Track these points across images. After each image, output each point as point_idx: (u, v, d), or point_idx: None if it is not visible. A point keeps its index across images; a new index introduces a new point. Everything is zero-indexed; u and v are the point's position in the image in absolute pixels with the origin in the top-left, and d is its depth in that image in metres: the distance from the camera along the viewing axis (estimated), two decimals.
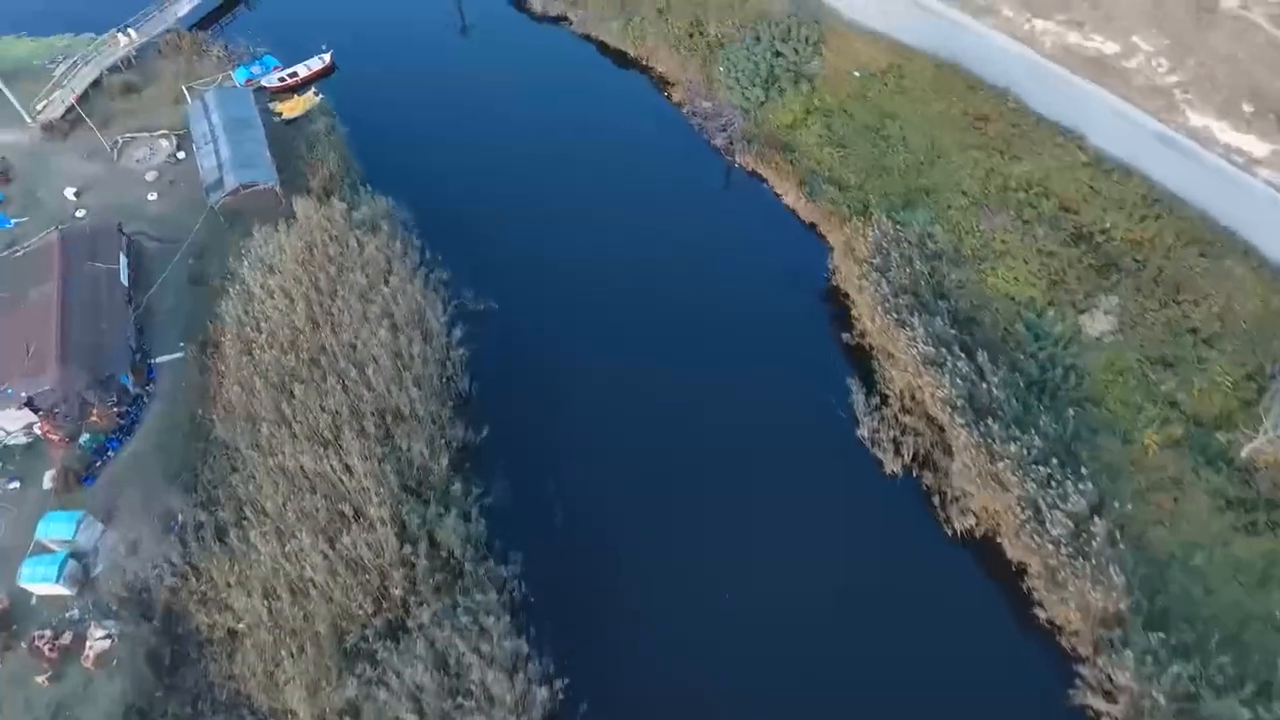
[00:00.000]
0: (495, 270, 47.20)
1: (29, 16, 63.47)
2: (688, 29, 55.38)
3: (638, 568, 37.23)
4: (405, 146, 54.18)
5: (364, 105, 56.65)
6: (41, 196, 51.94)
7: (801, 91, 51.00)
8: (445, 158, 53.28)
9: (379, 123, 55.70)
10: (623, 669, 34.32)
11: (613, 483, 39.54)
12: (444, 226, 49.39)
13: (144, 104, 56.87)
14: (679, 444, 40.65)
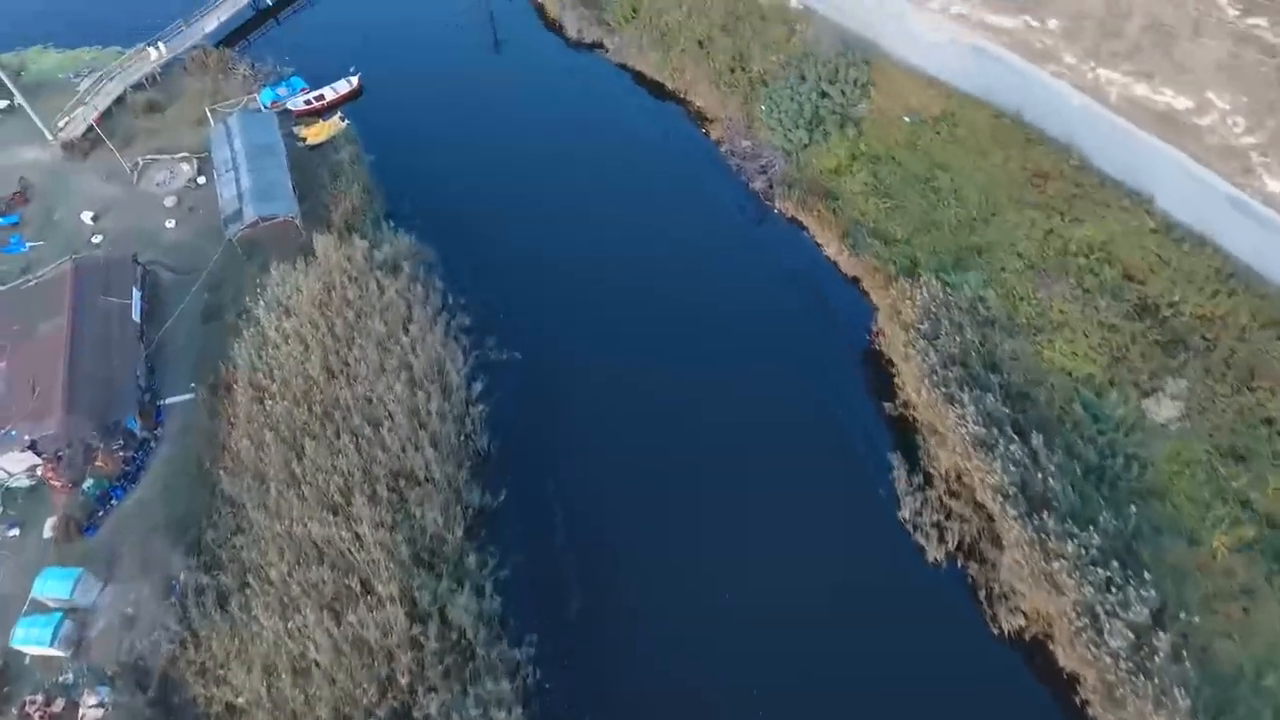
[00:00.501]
0: (520, 314, 45.23)
1: (58, 27, 62.42)
2: (729, 64, 52.93)
3: (661, 651, 35.10)
4: (431, 175, 52.33)
5: (390, 130, 54.95)
6: (59, 219, 50.66)
7: (847, 135, 48.43)
8: (472, 189, 51.35)
9: (405, 149, 53.91)
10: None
11: (636, 557, 37.34)
12: (468, 264, 47.63)
13: (167, 123, 55.48)
14: (706, 511, 38.37)
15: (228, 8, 61.24)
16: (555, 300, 45.96)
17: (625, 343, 44.15)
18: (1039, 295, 40.71)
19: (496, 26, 62.62)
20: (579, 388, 42.54)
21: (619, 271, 47.06)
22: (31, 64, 60.27)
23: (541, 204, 50.55)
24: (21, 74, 59.26)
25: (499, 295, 46.07)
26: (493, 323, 44.58)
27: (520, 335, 44.12)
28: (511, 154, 53.40)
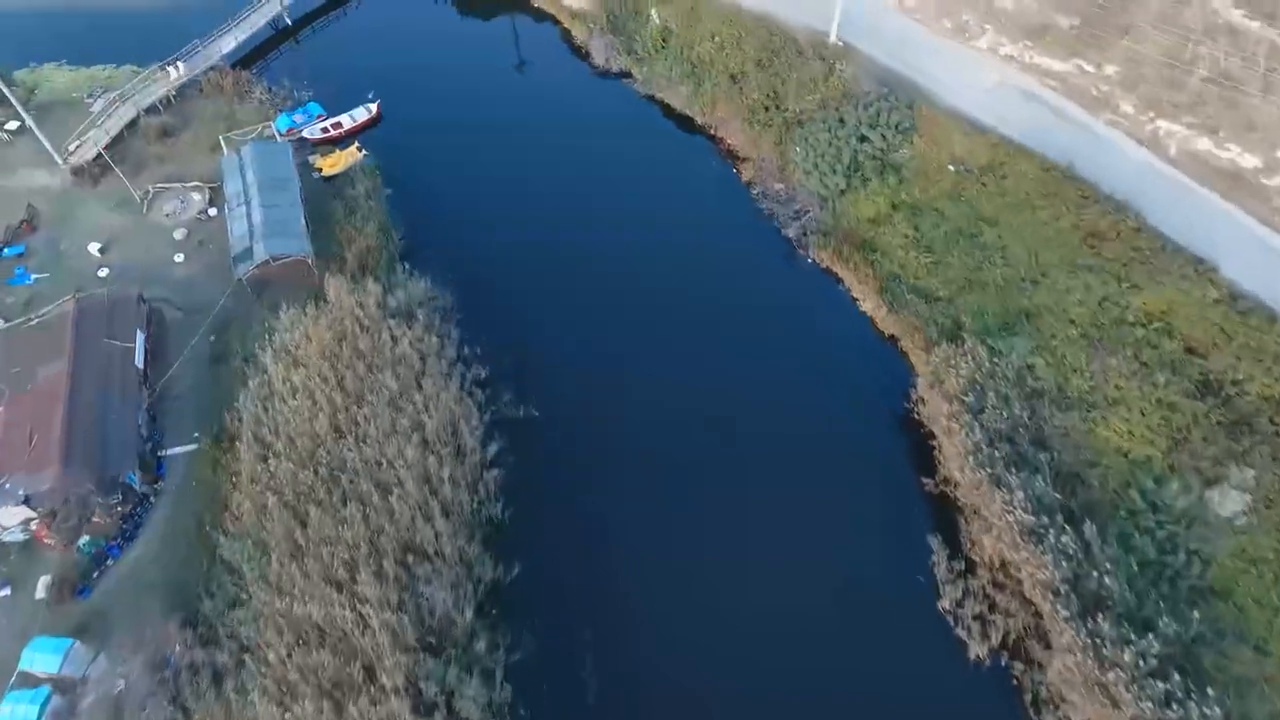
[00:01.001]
0: (539, 362, 43.05)
1: (73, 44, 60.67)
2: (763, 101, 50.57)
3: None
4: (450, 209, 50.38)
5: (409, 160, 52.88)
6: (65, 249, 48.98)
7: (888, 183, 45.99)
8: (492, 224, 49.26)
9: (423, 181, 51.94)
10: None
11: (659, 639, 35.11)
12: (486, 306, 45.42)
13: (179, 149, 53.71)
14: (736, 590, 36.01)
15: (245, 28, 59.57)
16: (576, 347, 43.82)
17: (649, 397, 41.74)
18: (1092, 367, 38.15)
19: (522, 51, 60.65)
20: (600, 445, 40.31)
21: (643, 318, 44.96)
22: (45, 82, 58.70)
23: (564, 242, 48.46)
24: (35, 92, 57.75)
25: (518, 341, 43.80)
26: (510, 372, 42.57)
27: (539, 386, 41.94)
28: (533, 187, 51.42)
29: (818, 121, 48.06)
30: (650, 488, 38.78)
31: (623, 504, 38.48)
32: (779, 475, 38.70)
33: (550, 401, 41.49)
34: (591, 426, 40.72)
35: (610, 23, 57.72)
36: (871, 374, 42.36)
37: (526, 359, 43.19)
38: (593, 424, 40.89)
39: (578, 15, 59.73)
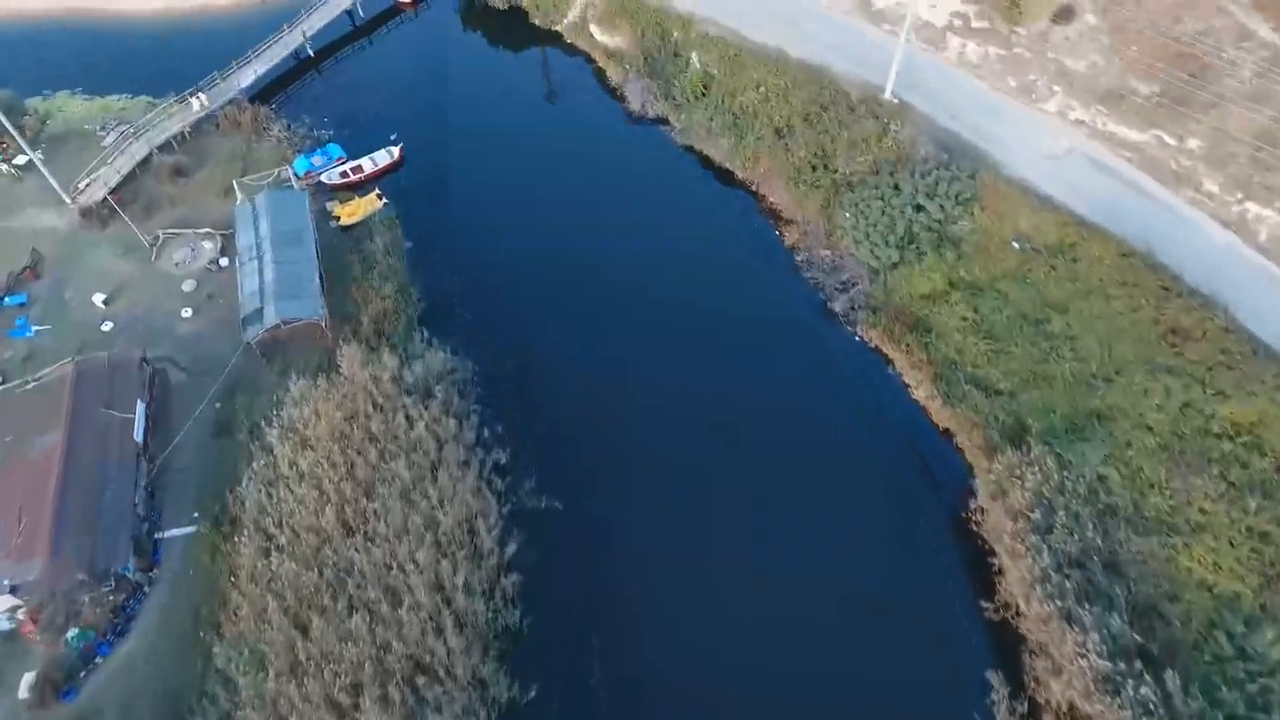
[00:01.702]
0: (563, 443, 40.09)
1: (89, 72, 58.25)
2: (810, 159, 47.23)
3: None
4: (471, 264, 47.31)
5: (430, 209, 50.03)
6: (69, 299, 46.56)
7: (945, 258, 42.58)
8: (515, 281, 46.30)
9: (445, 233, 49.06)
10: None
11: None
12: (509, 375, 42.49)
13: (192, 190, 51.17)
14: (774, 714, 33.17)
15: (265, 60, 56.93)
16: (603, 424, 40.69)
17: (682, 485, 38.70)
18: (1173, 484, 34.56)
19: (553, 91, 57.70)
20: (628, 541, 37.43)
21: (679, 392, 41.59)
22: (58, 111, 56.39)
23: (592, 302, 45.41)
24: (47, 122, 55.48)
25: (543, 416, 41.03)
26: (533, 454, 39.75)
27: (562, 470, 38.95)
28: (562, 240, 48.36)
29: (870, 186, 44.68)
30: (686, 588, 35.75)
31: (657, 606, 35.46)
32: (820, 584, 35.37)
33: (574, 488, 38.51)
34: (621, 512, 37.80)
35: (648, 64, 54.54)
36: (924, 473, 38.99)
37: (551, 438, 40.39)
38: (623, 511, 37.96)
39: (613, 55, 56.61)
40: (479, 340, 43.84)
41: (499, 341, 43.91)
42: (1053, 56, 44.82)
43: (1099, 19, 43.02)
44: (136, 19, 62.70)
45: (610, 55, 56.75)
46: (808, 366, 42.73)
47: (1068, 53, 44.40)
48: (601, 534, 37.31)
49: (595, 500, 38.06)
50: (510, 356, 43.23)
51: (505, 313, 45.11)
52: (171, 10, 62.71)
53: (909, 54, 46.69)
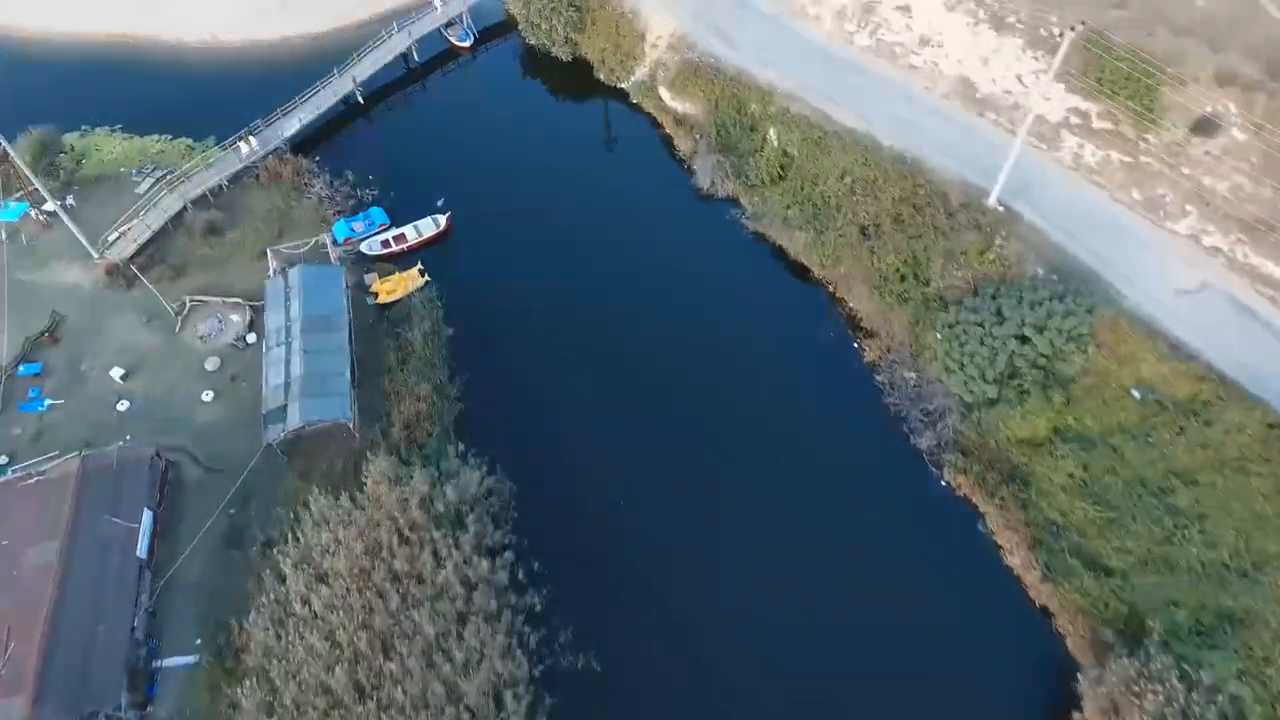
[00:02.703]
0: (609, 584, 35.75)
1: (128, 107, 55.14)
2: (899, 266, 42.25)
3: None
4: (517, 356, 43.10)
5: (475, 289, 45.74)
6: (85, 370, 43.41)
7: (1051, 400, 37.36)
8: (562, 383, 42.11)
9: (490, 317, 44.74)
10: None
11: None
12: (549, 497, 38.15)
13: (225, 251, 47.75)
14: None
15: (311, 107, 53.29)
16: (655, 568, 36.19)
17: (737, 653, 34.33)
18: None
19: (615, 157, 53.13)
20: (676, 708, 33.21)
21: (735, 534, 37.12)
22: (94, 150, 53.51)
23: (645, 413, 40.91)
24: (82, 162, 52.73)
25: (586, 550, 36.76)
26: (573, 600, 35.39)
27: (606, 621, 34.59)
28: (617, 333, 43.89)
29: (967, 309, 39.54)
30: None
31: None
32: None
33: (617, 645, 34.25)
34: (669, 674, 33.44)
35: (720, 137, 49.83)
36: (1019, 660, 33.86)
37: (594, 580, 36.08)
38: (670, 672, 33.60)
39: (682, 122, 52.01)
40: (520, 450, 39.56)
41: (543, 453, 39.67)
42: (1188, 172, 39.24)
43: (1249, 137, 37.43)
44: (182, 50, 59.70)
45: (679, 122, 52.16)
46: (885, 510, 37.64)
47: (1207, 170, 38.81)
48: (649, 696, 33.08)
49: (638, 657, 33.83)
50: (554, 472, 39.00)
51: (550, 417, 40.86)
52: (218, 43, 59.64)
53: (1020, 153, 41.49)
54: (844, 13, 50.80)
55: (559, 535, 37.03)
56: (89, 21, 60.77)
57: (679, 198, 50.09)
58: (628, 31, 54.76)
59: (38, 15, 61.05)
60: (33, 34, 60.58)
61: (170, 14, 60.87)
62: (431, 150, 53.16)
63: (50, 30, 60.71)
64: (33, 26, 60.74)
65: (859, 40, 50.03)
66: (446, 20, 58.53)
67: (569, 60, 57.23)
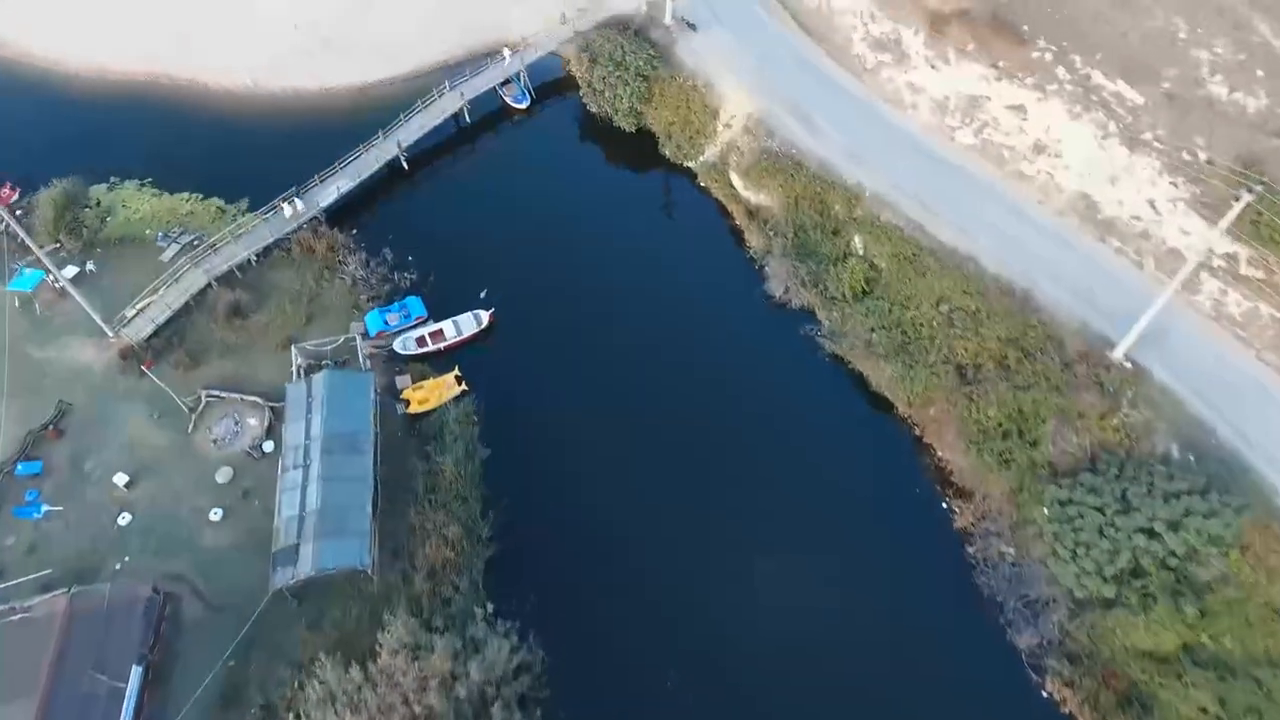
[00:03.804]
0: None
1: (160, 159, 51.37)
2: (1001, 421, 36.66)
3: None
4: (558, 490, 38.23)
5: (517, 401, 41.16)
6: (89, 471, 39.58)
7: (1182, 612, 31.59)
8: (605, 520, 37.30)
9: (530, 436, 40.07)
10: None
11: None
12: (587, 672, 33.34)
13: (248, 336, 43.69)
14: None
15: (352, 173, 48.89)
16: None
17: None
18: None
19: (680, 248, 47.71)
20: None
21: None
22: (121, 208, 49.71)
23: (706, 563, 36.06)
24: (107, 220, 49.13)
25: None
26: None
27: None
28: (672, 465, 39.01)
29: (1085, 487, 33.90)
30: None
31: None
32: None
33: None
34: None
35: (797, 239, 44.55)
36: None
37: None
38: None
39: (755, 214, 46.83)
40: (558, 607, 34.97)
41: (582, 612, 34.95)
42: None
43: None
44: (221, 96, 55.92)
45: (752, 215, 47.03)
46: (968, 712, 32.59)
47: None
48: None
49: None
50: (594, 637, 34.34)
51: (596, 565, 36.17)
52: (258, 92, 55.84)
53: (1146, 290, 35.87)
54: (945, 105, 45.34)
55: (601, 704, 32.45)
56: (130, 60, 57.27)
57: (748, 302, 44.95)
58: (699, 107, 49.80)
59: (79, 52, 57.69)
60: (72, 71, 57.24)
61: (210, 51, 57.27)
62: (478, 227, 48.57)
63: (89, 67, 57.21)
64: (74, 64, 57.35)
65: (961, 138, 44.55)
66: (503, 78, 54.35)
67: (632, 131, 52.51)
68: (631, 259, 47.19)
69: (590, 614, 35.01)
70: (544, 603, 35.09)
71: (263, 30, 58.08)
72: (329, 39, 58.23)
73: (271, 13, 59.15)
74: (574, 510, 37.80)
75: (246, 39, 58.03)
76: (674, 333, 43.74)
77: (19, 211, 50.96)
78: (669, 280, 46.13)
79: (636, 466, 39.06)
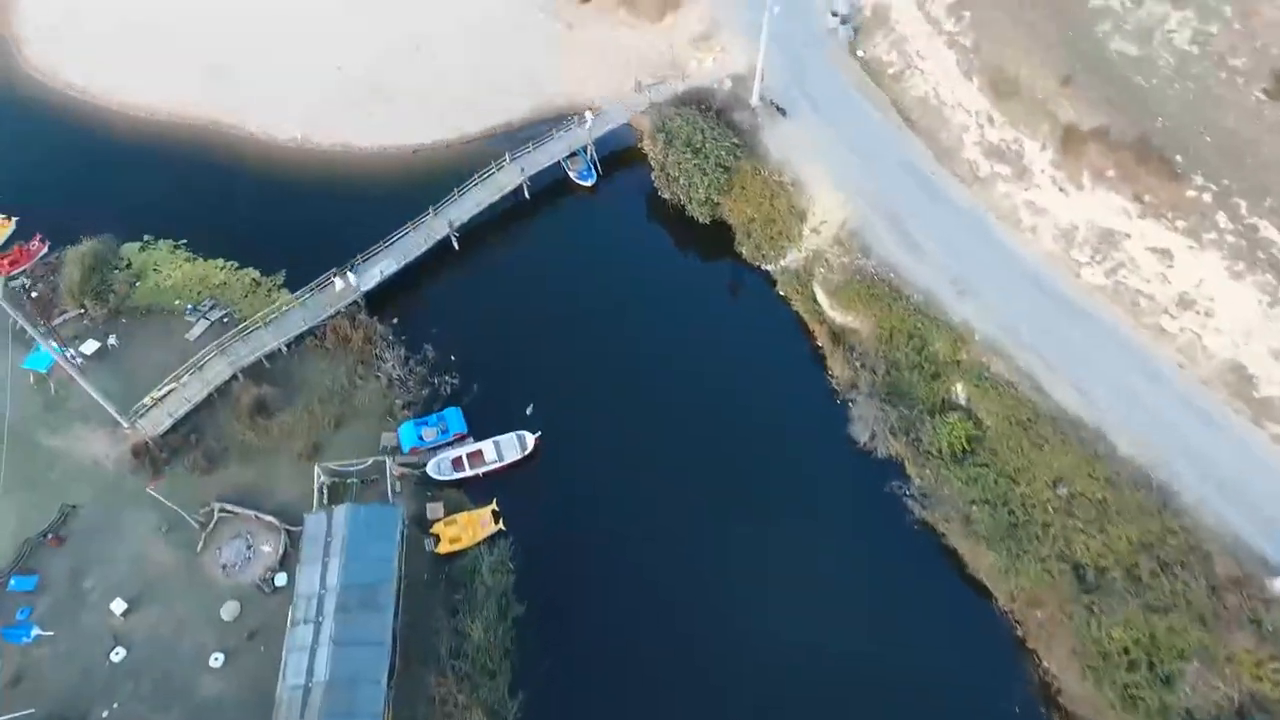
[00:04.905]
0: None
1: (198, 219, 47.68)
2: (1129, 646, 30.41)
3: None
4: (602, 652, 33.78)
5: (558, 543, 36.50)
6: (86, 591, 35.87)
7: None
8: (660, 699, 32.73)
9: (572, 589, 35.50)
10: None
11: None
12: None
13: (272, 439, 39.62)
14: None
15: (398, 254, 44.47)
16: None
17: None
18: None
19: (752, 364, 42.27)
20: None
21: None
22: (152, 272, 46.00)
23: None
24: (137, 284, 45.70)
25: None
26: None
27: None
28: (731, 639, 33.86)
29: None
30: None
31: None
32: None
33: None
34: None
35: (889, 376, 38.96)
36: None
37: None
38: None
39: (840, 339, 41.23)
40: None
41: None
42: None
43: None
44: (269, 148, 52.15)
45: (837, 339, 41.47)
46: None
47: None
48: None
49: None
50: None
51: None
52: (307, 147, 51.99)
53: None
54: (1072, 234, 39.39)
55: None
56: (178, 101, 54.02)
57: (826, 443, 39.44)
58: (783, 206, 44.46)
59: (127, 89, 54.62)
60: (119, 108, 54.17)
61: (260, 97, 53.75)
62: (529, 324, 43.72)
63: (137, 105, 54.14)
64: (120, 100, 54.32)
65: (1089, 275, 38.63)
66: (568, 151, 49.69)
67: (706, 222, 47.38)
68: (699, 375, 41.96)
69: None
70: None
71: (311, 80, 54.36)
72: (383, 90, 54.22)
73: (323, 59, 55.44)
74: (621, 680, 33.06)
75: (298, 83, 54.63)
76: (744, 473, 38.43)
77: (47, 265, 48.38)
78: (740, 405, 40.73)
79: (694, 639, 34.14)
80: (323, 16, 57.72)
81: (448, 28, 56.81)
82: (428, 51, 55.72)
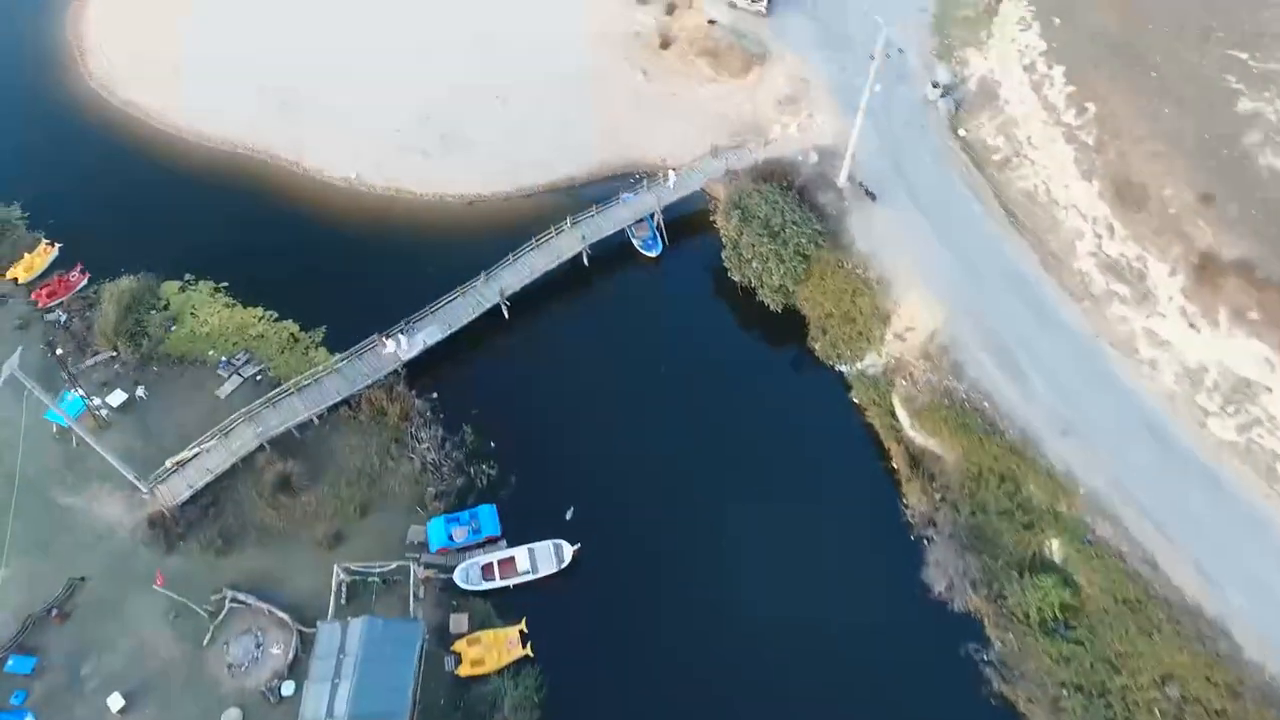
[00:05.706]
0: None
1: (242, 262, 45.26)
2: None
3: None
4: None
5: (593, 678, 32.85)
6: (84, 678, 33.25)
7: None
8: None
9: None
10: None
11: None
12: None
13: (294, 521, 36.85)
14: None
15: (444, 320, 41.61)
16: None
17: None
18: None
19: (817, 480, 38.08)
20: None
21: None
22: (189, 315, 43.93)
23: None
24: (172, 329, 43.57)
25: None
26: None
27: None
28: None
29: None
30: None
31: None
32: None
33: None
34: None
35: (973, 516, 34.74)
36: None
37: None
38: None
39: (919, 463, 36.83)
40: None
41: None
42: None
43: None
44: (320, 188, 49.86)
45: (916, 464, 37.14)
46: None
47: None
48: None
49: None
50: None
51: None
52: (359, 189, 49.43)
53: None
54: (1199, 377, 34.53)
55: None
56: (236, 128, 52.22)
57: (896, 584, 35.14)
58: (866, 305, 40.35)
59: (188, 113, 53.06)
60: (176, 132, 52.47)
61: (322, 134, 51.43)
62: (577, 410, 40.37)
63: (196, 131, 52.47)
64: (179, 124, 52.67)
65: (1216, 428, 33.76)
66: (634, 219, 46.20)
67: (779, 311, 43.48)
68: (762, 487, 38.05)
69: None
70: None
71: (380, 121, 51.96)
72: (452, 137, 51.51)
73: (398, 100, 52.95)
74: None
75: (363, 126, 51.88)
76: (804, 610, 34.09)
77: (84, 299, 46.50)
78: (805, 529, 36.54)
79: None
80: (406, 57, 55.23)
81: (534, 77, 53.87)
82: (509, 101, 52.93)
